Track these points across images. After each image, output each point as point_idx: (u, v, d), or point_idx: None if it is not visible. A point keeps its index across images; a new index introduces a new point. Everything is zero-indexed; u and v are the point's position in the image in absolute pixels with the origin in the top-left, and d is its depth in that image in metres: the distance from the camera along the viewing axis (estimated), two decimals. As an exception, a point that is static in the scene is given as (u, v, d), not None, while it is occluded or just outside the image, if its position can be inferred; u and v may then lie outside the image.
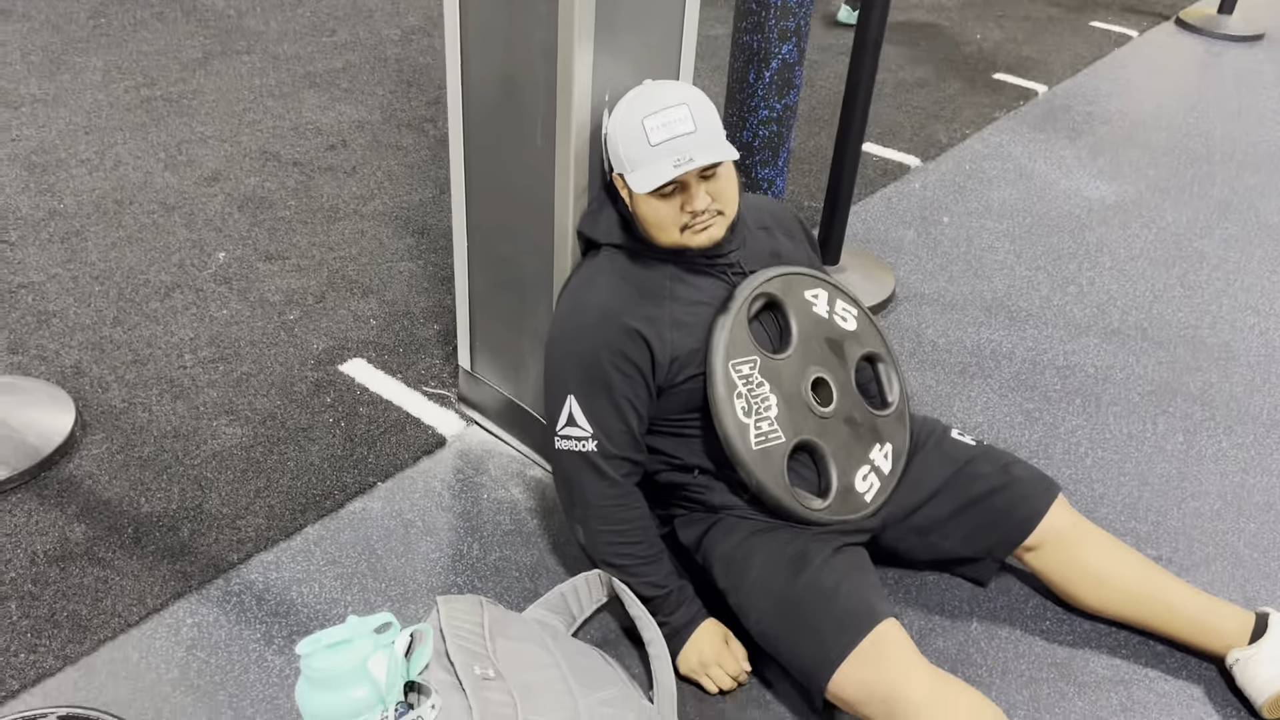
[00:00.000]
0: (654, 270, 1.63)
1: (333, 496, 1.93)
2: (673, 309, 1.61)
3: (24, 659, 1.60)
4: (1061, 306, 2.65)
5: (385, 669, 1.34)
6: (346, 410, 2.14)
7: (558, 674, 1.46)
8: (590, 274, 1.67)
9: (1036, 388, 2.35)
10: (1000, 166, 3.33)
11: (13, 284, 2.44)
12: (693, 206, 1.55)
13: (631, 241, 1.65)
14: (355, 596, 1.75)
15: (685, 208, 1.56)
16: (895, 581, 1.84)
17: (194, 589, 1.74)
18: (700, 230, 1.58)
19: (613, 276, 1.64)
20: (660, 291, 1.62)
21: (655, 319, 1.60)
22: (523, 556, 1.85)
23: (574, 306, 1.65)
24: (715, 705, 1.61)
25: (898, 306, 2.61)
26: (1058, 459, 2.14)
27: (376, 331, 2.38)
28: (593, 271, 1.67)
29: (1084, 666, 1.70)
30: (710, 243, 1.59)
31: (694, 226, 1.57)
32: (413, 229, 2.77)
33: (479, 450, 2.08)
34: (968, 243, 2.91)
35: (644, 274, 1.63)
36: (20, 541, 1.79)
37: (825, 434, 1.65)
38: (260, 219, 2.76)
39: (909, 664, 1.45)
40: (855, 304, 1.78)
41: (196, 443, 2.03)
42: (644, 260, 1.64)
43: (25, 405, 2.04)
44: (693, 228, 1.57)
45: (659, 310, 1.61)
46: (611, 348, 1.59)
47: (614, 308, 1.60)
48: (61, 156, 2.98)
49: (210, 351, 2.27)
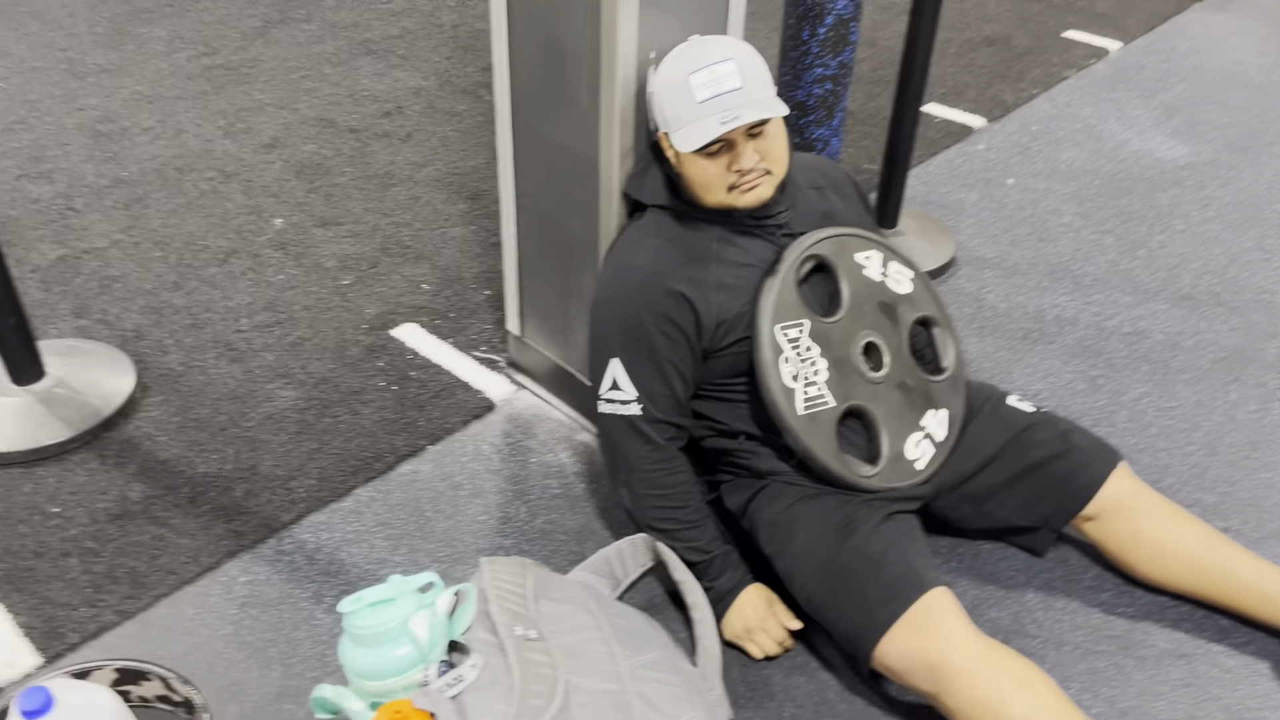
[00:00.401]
0: (700, 232, 1.60)
1: (383, 459, 1.94)
2: (719, 271, 1.58)
3: (84, 613, 1.64)
4: (1130, 271, 2.55)
5: (427, 627, 1.35)
6: (398, 374, 2.15)
7: (600, 636, 1.45)
8: (635, 236, 1.65)
9: (1101, 354, 2.28)
10: (1069, 127, 3.22)
11: (77, 249, 2.50)
12: (739, 165, 1.51)
13: (677, 203, 1.62)
14: (404, 557, 1.76)
15: (732, 167, 1.52)
16: (948, 550, 1.80)
17: (247, 548, 1.76)
18: (747, 190, 1.54)
19: (658, 238, 1.62)
20: (706, 253, 1.59)
21: (701, 281, 1.57)
22: (569, 520, 1.84)
23: (618, 269, 1.63)
24: (760, 671, 1.60)
25: (958, 271, 2.54)
26: (1121, 427, 2.07)
27: (428, 297, 2.38)
28: (638, 234, 1.65)
29: (1144, 640, 1.65)
30: (758, 203, 1.56)
31: (741, 186, 1.54)
32: (465, 194, 2.77)
33: (527, 414, 2.08)
34: (1033, 205, 2.82)
35: (690, 235, 1.60)
36: (82, 500, 1.84)
37: (876, 399, 1.62)
38: (316, 185, 2.79)
39: (956, 632, 1.42)
40: (910, 266, 1.73)
41: (252, 405, 2.06)
42: (690, 222, 1.61)
43: (88, 368, 2.09)
44: (740, 187, 1.54)
45: (704, 273, 1.58)
46: (655, 311, 1.57)
47: (658, 270, 1.58)
48: (125, 125, 3.03)
49: (266, 316, 2.30)
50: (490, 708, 1.27)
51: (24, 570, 1.71)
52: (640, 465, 1.63)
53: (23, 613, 1.64)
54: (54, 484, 1.87)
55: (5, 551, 1.74)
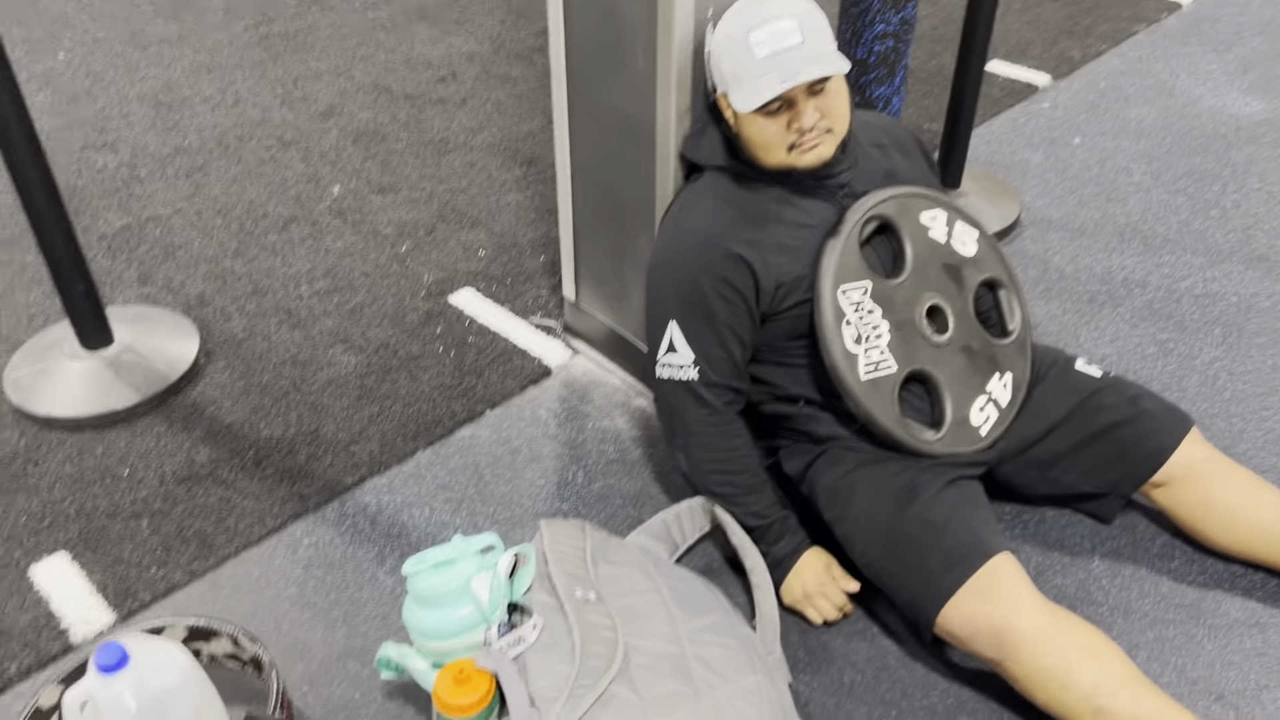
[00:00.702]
0: (759, 193, 1.58)
1: (442, 423, 1.96)
2: (778, 232, 1.56)
3: (155, 572, 1.68)
4: (1202, 231, 2.47)
5: (488, 589, 1.36)
6: (456, 340, 2.16)
7: (659, 599, 1.45)
8: (692, 198, 1.63)
9: (1172, 317, 2.21)
10: (1138, 83, 3.12)
11: (141, 218, 2.54)
12: (800, 124, 1.48)
13: (736, 163, 1.60)
14: (464, 520, 1.78)
15: (792, 126, 1.49)
16: (1012, 516, 1.77)
17: (311, 510, 1.79)
18: (808, 149, 1.51)
19: (715, 200, 1.59)
20: (765, 214, 1.57)
21: (760, 243, 1.55)
22: (626, 485, 1.84)
23: (675, 232, 1.62)
24: (819, 636, 1.59)
25: (1023, 232, 2.48)
26: (1192, 392, 2.01)
27: (485, 263, 2.39)
28: (695, 195, 1.63)
29: (1215, 609, 1.61)
30: (819, 162, 1.53)
31: (801, 145, 1.51)
32: (521, 160, 2.76)
33: (584, 380, 2.08)
34: (1100, 165, 2.74)
35: (748, 197, 1.58)
36: (150, 463, 1.88)
37: (939, 363, 1.59)
38: (373, 152, 2.80)
39: (1022, 598, 1.40)
40: (976, 227, 1.69)
41: (313, 370, 2.08)
42: (749, 183, 1.59)
43: (154, 333, 2.13)
44: (800, 147, 1.51)
45: (764, 234, 1.56)
46: (713, 274, 1.55)
47: (716, 232, 1.56)
48: (186, 94, 3.07)
49: (326, 283, 2.33)
50: (551, 668, 1.28)
51: (97, 530, 1.75)
52: (698, 429, 1.62)
53: (96, 571, 1.69)
54: (124, 447, 1.91)
55: (79, 512, 1.79)
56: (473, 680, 1.25)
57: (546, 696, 1.24)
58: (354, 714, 1.48)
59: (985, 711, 1.48)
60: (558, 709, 1.22)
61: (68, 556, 1.71)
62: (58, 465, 1.87)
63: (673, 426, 1.66)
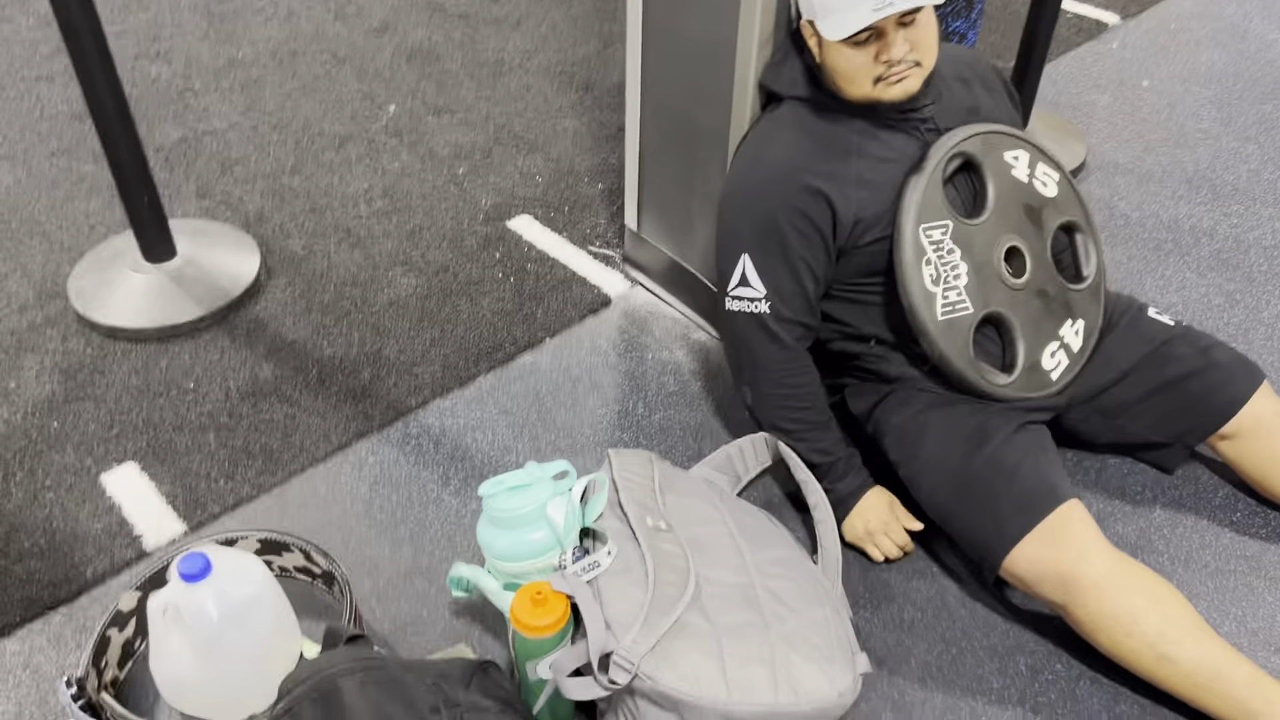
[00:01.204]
0: (840, 125, 1.55)
1: (503, 349, 1.96)
2: (859, 166, 1.54)
3: (223, 485, 1.71)
4: (1273, 181, 2.42)
5: (563, 514, 1.37)
6: (515, 266, 2.16)
7: (725, 530, 1.47)
8: (771, 128, 1.60)
9: (1240, 268, 2.18)
10: (1210, 26, 3.03)
11: (198, 131, 2.52)
12: (889, 55, 1.45)
13: (818, 94, 1.57)
14: (526, 445, 1.79)
15: (880, 57, 1.46)
16: (1074, 463, 1.76)
17: (375, 430, 1.81)
18: (895, 82, 1.48)
19: (795, 131, 1.57)
20: (847, 147, 1.54)
21: (840, 176, 1.53)
22: (687, 418, 1.85)
23: (753, 161, 1.59)
24: (880, 574, 1.60)
25: (1088, 176, 2.44)
26: (1258, 344, 1.99)
27: (542, 189, 2.37)
28: (774, 125, 1.60)
29: (1277, 562, 1.61)
30: (905, 96, 1.50)
31: (889, 78, 1.48)
32: (577, 84, 2.72)
33: (643, 311, 2.08)
34: (1169, 109, 2.68)
35: (830, 129, 1.55)
36: (215, 377, 1.90)
37: (1015, 307, 1.57)
38: (428, 71, 2.76)
39: (1090, 544, 1.40)
40: (1057, 168, 1.66)
41: (374, 291, 2.09)
42: (830, 114, 1.56)
43: (215, 248, 2.13)
44: (887, 79, 1.48)
45: (845, 167, 1.53)
46: (790, 206, 1.53)
47: (795, 164, 1.54)
48: (238, 6, 3.03)
49: (384, 203, 2.32)
50: (626, 593, 1.30)
51: (164, 443, 1.78)
52: (767, 364, 1.62)
53: (166, 482, 1.71)
54: (188, 360, 1.93)
55: (146, 424, 1.81)
56: (550, 602, 1.27)
57: (622, 622, 1.26)
58: (421, 629, 1.51)
59: (1043, 653, 1.50)
60: (634, 634, 1.24)
61: (137, 467, 1.74)
62: (124, 376, 1.89)
63: (740, 360, 1.65)
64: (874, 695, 1.44)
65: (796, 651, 1.28)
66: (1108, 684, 1.45)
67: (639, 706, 1.25)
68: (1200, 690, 1.35)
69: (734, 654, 1.26)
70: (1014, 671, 1.47)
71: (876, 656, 1.49)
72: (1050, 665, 1.48)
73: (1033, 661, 1.49)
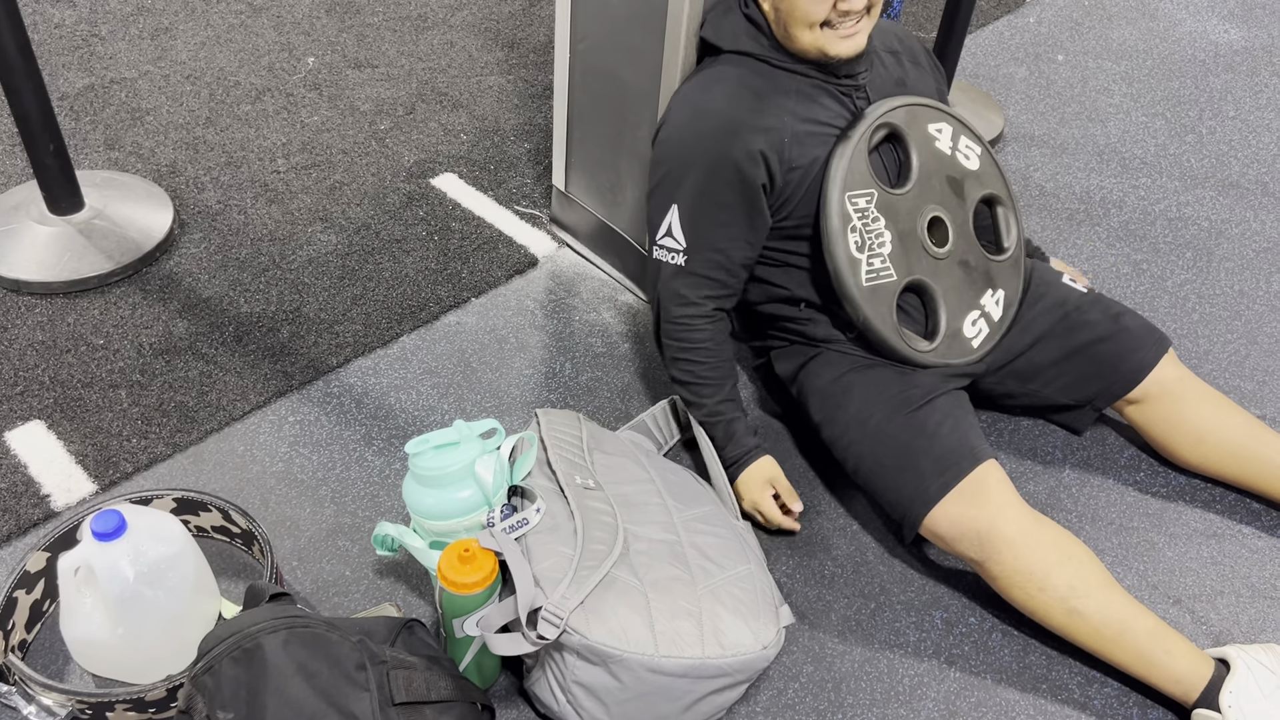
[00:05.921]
0: (779, 83, 1.55)
1: (427, 308, 1.94)
2: (794, 125, 1.54)
3: (136, 444, 1.66)
4: (1178, 155, 2.51)
5: (492, 472, 1.37)
6: (439, 225, 2.12)
7: (653, 489, 1.48)
8: (709, 80, 1.58)
9: (1146, 238, 2.26)
10: (1122, 4, 3.12)
11: (105, 79, 2.42)
12: (848, 5, 1.45)
13: (759, 48, 1.55)
14: (451, 405, 1.77)
15: (839, 5, 1.45)
16: (989, 425, 1.82)
17: (295, 388, 1.77)
18: (846, 36, 1.48)
19: (736, 84, 1.55)
20: (783, 107, 1.53)
21: (775, 131, 1.52)
22: (614, 378, 1.85)
23: (694, 112, 1.57)
24: (803, 532, 1.63)
25: (1005, 147, 2.50)
26: (1163, 312, 2.07)
27: (467, 147, 2.33)
28: (712, 78, 1.58)
29: (1176, 519, 1.69)
30: (854, 52, 1.50)
31: (840, 28, 1.47)
32: (502, 42, 2.68)
33: (570, 272, 2.07)
34: (1082, 84, 2.75)
35: (768, 86, 1.54)
36: (126, 333, 1.83)
37: (938, 275, 1.60)
38: (348, 24, 2.69)
39: (1006, 503, 1.45)
40: (979, 142, 1.69)
41: (293, 247, 2.03)
42: (770, 71, 1.55)
43: (125, 200, 2.05)
44: (838, 29, 1.48)
45: (780, 123, 1.53)
46: (727, 162, 1.52)
47: (735, 119, 1.52)
48: (146, -50, 2.90)
49: (302, 158, 2.25)
50: (554, 550, 1.30)
51: (73, 399, 1.71)
52: (674, 312, 1.62)
53: (75, 440, 1.65)
54: (97, 315, 1.86)
55: (53, 381, 1.74)
56: (477, 559, 1.26)
57: (551, 577, 1.26)
58: (345, 589, 1.50)
59: (958, 607, 1.55)
60: (563, 589, 1.24)
61: (43, 425, 1.67)
62: (29, 331, 1.82)
63: (656, 308, 1.66)
64: (795, 649, 1.48)
65: (722, 605, 1.30)
66: (1018, 636, 1.51)
67: (567, 661, 1.26)
68: (1106, 642, 1.41)
69: (661, 608, 1.27)
70: (930, 625, 1.52)
71: (798, 611, 1.52)
72: (964, 619, 1.53)
73: (948, 615, 1.53)
